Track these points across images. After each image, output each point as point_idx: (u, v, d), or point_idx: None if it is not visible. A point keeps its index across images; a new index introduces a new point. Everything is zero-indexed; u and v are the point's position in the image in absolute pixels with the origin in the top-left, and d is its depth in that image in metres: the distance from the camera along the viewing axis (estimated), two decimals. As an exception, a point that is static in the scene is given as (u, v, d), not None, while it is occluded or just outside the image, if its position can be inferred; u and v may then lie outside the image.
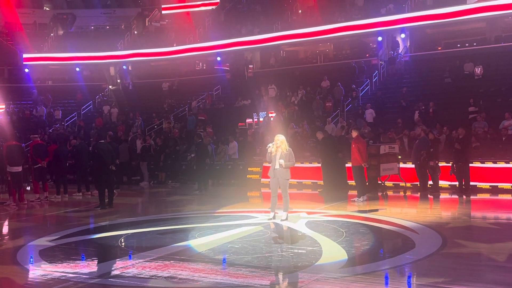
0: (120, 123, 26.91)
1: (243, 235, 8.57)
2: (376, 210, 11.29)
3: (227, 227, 9.30)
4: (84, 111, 31.79)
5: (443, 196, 13.49)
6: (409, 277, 6.14)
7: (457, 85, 22.19)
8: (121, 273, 6.45)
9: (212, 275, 6.22)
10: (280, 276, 6.28)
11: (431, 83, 23.13)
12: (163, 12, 39.24)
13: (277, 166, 9.59)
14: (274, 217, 9.80)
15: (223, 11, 36.68)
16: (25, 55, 35.61)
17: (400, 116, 20.16)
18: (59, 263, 7.06)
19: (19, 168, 13.71)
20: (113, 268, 6.78)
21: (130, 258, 7.34)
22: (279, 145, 9.59)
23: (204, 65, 36.62)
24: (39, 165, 14.47)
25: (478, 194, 13.69)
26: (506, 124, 16.47)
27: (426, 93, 21.95)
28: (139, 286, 5.81)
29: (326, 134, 15.46)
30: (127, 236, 8.92)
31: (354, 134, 12.81)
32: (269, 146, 9.80)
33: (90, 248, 8.39)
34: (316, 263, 6.54)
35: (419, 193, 13.74)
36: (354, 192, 13.08)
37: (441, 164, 13.80)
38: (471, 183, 13.56)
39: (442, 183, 14.12)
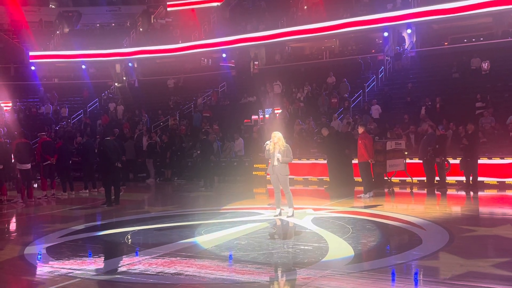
0: (126, 121, 26.96)
1: (249, 231, 8.57)
2: (383, 206, 11.26)
3: (233, 224, 9.31)
4: (90, 109, 31.88)
5: (450, 192, 13.43)
6: (416, 273, 6.11)
7: (464, 80, 22.07)
8: (127, 269, 6.47)
9: (218, 272, 6.22)
10: (286, 272, 6.27)
11: (438, 79, 23.00)
12: (168, 9, 39.25)
13: (275, 163, 9.61)
14: (280, 214, 9.80)
15: (228, 8, 36.64)
16: (31, 53, 35.76)
17: (406, 112, 20.08)
18: (66, 260, 7.09)
19: (28, 165, 13.81)
20: (119, 265, 6.80)
21: (136, 254, 7.36)
22: (276, 142, 9.61)
23: (210, 62, 36.62)
24: (48, 162, 14.54)
25: (485, 190, 13.61)
26: (513, 119, 16.36)
27: (432, 88, 21.84)
28: (146, 283, 5.82)
29: (332, 130, 15.42)
30: (133, 233, 8.94)
31: (361, 130, 12.76)
32: (267, 144, 9.82)
33: (97, 245, 8.41)
34: (322, 260, 6.53)
35: (425, 189, 13.69)
36: (361, 188, 13.04)
37: (449, 160, 13.75)
38: (478, 179, 13.48)
39: (449, 179, 14.05)
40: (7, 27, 39.27)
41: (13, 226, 10.78)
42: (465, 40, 27.00)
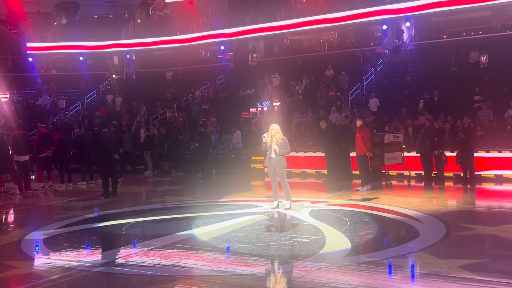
0: (124, 112, 26.90)
1: (246, 224, 8.58)
2: (380, 199, 11.27)
3: (230, 216, 9.31)
4: (88, 100, 31.80)
5: (448, 185, 13.46)
6: (412, 266, 6.13)
7: (462, 74, 22.05)
8: (124, 261, 6.47)
9: (215, 264, 6.23)
10: (283, 265, 6.29)
11: (436, 72, 22.98)
12: (167, 0, 39.06)
13: (272, 155, 9.61)
14: (277, 206, 9.80)
15: (227, 0, 36.47)
16: (28, 44, 35.62)
17: (404, 105, 20.07)
18: (63, 251, 7.09)
19: (26, 157, 13.76)
20: (117, 257, 6.81)
21: (134, 246, 7.37)
22: (273, 135, 9.60)
23: (208, 54, 36.52)
24: (45, 154, 14.51)
25: (482, 183, 13.64)
26: (511, 112, 16.35)
27: (431, 82, 21.81)
28: (143, 275, 5.83)
29: (330, 123, 15.41)
30: (131, 225, 8.94)
31: (359, 123, 12.75)
32: (264, 136, 9.81)
33: (94, 237, 8.42)
34: (319, 252, 6.54)
35: (423, 182, 13.71)
36: (358, 181, 13.06)
37: (446, 153, 13.77)
38: (476, 172, 13.51)
39: (447, 172, 14.07)
40: (5, 18, 39.06)
41: (10, 217, 10.77)
42: (464, 34, 26.96)
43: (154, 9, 39.83)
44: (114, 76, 35.04)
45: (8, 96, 30.93)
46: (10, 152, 14.13)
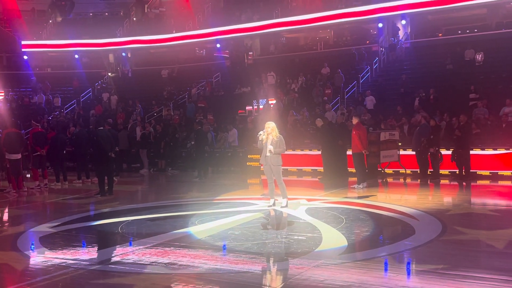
0: (120, 111, 26.85)
1: (243, 221, 8.58)
2: (376, 196, 11.30)
3: (227, 214, 9.31)
4: (83, 99, 31.71)
5: (443, 182, 13.50)
6: (408, 263, 6.15)
7: (457, 71, 22.10)
8: (121, 259, 6.46)
9: (212, 261, 6.23)
10: (280, 262, 6.29)
11: (432, 70, 23.03)
12: (162, -2, 38.99)
13: (268, 153, 9.61)
14: (274, 204, 9.81)
15: (223, -3, 36.42)
16: (23, 42, 35.47)
17: (400, 103, 20.10)
18: (60, 249, 7.07)
19: (18, 156, 13.68)
20: (113, 255, 6.80)
21: (130, 244, 7.36)
22: (269, 132, 9.61)
23: (204, 52, 36.46)
24: (38, 153, 14.45)
25: (478, 181, 13.69)
26: (506, 110, 16.43)
27: (426, 80, 21.86)
28: (139, 273, 5.82)
29: (326, 121, 15.43)
30: (127, 223, 8.93)
31: (355, 121, 12.77)
32: (260, 134, 9.81)
33: (90, 235, 8.40)
34: (316, 250, 6.55)
35: (419, 180, 13.74)
36: (354, 179, 13.08)
37: (441, 151, 13.82)
38: (471, 170, 13.56)
39: (443, 170, 14.12)
40: (0, 16, 38.87)
41: (5, 216, 10.73)
42: (459, 32, 27.00)
43: (150, 7, 39.70)
44: (109, 74, 34.94)
45: (3, 94, 30.81)
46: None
